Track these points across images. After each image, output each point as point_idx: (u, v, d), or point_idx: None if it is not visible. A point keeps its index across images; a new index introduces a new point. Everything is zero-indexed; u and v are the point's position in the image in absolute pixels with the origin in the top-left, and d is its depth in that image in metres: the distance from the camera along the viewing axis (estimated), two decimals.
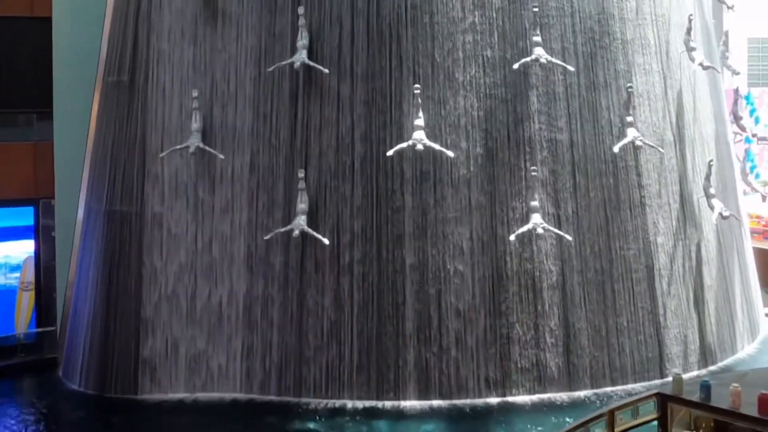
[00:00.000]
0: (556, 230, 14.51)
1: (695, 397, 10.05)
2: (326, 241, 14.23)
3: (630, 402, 10.37)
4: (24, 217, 16.98)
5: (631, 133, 14.93)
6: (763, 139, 36.19)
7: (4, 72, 16.88)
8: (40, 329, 17.10)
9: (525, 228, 14.27)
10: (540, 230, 14.29)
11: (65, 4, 16.38)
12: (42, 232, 16.97)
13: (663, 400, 10.13)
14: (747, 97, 34.46)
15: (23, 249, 17.03)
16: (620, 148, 14.92)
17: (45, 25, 16.34)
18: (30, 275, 17.14)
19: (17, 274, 17.03)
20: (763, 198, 21.38)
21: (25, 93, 17.00)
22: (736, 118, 18.50)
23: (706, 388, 10.00)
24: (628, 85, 15.15)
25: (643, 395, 10.56)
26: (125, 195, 15.34)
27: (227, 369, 14.76)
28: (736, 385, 9.77)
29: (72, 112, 16.35)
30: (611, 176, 15.16)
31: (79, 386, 15.46)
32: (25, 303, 17.22)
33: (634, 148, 15.09)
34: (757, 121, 36.24)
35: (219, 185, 14.92)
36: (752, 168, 32.94)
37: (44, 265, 16.91)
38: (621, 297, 15.15)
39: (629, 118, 15.02)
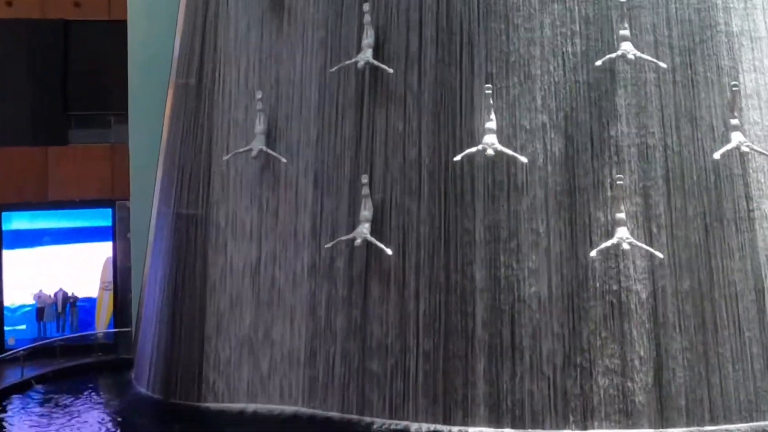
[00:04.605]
0: (646, 246, 13.02)
1: None
2: (389, 252, 13.41)
3: None
4: (102, 217, 17.17)
5: (736, 138, 13.17)
6: None
7: (84, 74, 17.13)
8: (117, 329, 17.28)
9: (609, 243, 12.87)
10: (626, 246, 12.84)
11: (140, 6, 16.45)
12: (119, 234, 17.10)
13: None
14: None
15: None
16: (723, 155, 13.20)
17: (121, 28, 16.44)
18: (109, 275, 17.41)
19: None
20: None
21: (102, 95, 17.20)
22: None
23: None
24: (733, 83, 13.40)
25: None
26: (191, 198, 15.15)
27: (290, 381, 14.23)
28: None
29: (147, 114, 16.41)
30: (712, 186, 13.44)
31: (147, 389, 15.42)
32: (105, 303, 17.44)
33: (739, 155, 13.33)
34: None
35: (282, 190, 14.43)
36: None
37: (120, 267, 17.05)
38: (724, 323, 13.40)
39: (734, 121, 13.26)
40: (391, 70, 13.50)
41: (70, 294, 18.17)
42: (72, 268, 17.82)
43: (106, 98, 17.00)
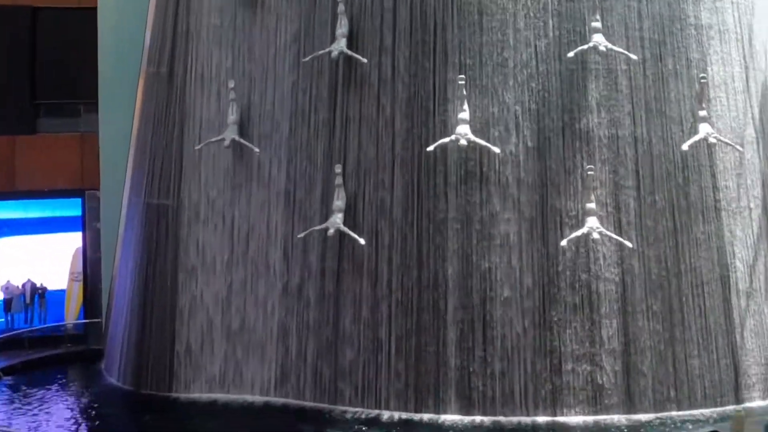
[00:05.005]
0: (616, 236, 13.21)
1: None
2: (362, 241, 13.45)
3: None
4: (72, 207, 16.97)
5: (704, 129, 13.41)
6: None
7: (53, 62, 16.88)
8: (87, 320, 17.11)
9: (579, 232, 13.05)
10: (596, 235, 13.04)
11: None
12: (88, 224, 16.92)
13: None
14: None
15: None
16: (691, 146, 13.44)
17: (91, 16, 16.21)
18: (79, 266, 17.20)
19: None
20: None
21: (71, 83, 16.96)
22: None
23: None
24: (701, 75, 13.62)
25: None
26: (163, 188, 15.04)
27: (262, 371, 14.22)
28: None
29: (117, 103, 16.24)
30: (680, 177, 13.68)
31: (117, 380, 15.32)
32: (75, 293, 17.26)
33: (707, 146, 13.58)
34: None
35: (255, 179, 14.39)
36: None
37: (90, 257, 16.88)
38: (690, 312, 13.68)
39: (702, 113, 13.49)
40: (365, 60, 13.52)
41: (38, 285, 17.96)
42: (41, 259, 17.61)
43: (76, 87, 16.76)
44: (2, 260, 17.85)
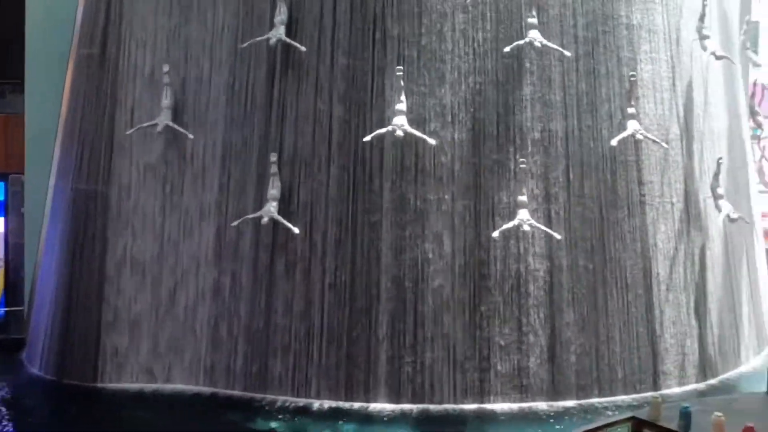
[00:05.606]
0: (545, 228, 13.51)
1: (674, 424, 9.07)
2: (296, 231, 13.42)
3: (600, 427, 9.38)
4: None
5: (632, 126, 13.82)
6: None
7: None
8: (8, 308, 16.55)
9: (510, 224, 13.30)
10: (527, 227, 13.32)
11: None
12: (11, 209, 16.36)
13: (638, 426, 9.15)
14: None
15: None
16: (619, 142, 13.82)
17: None
18: (0, 252, 16.58)
19: None
20: None
21: None
22: (753, 113, 17.25)
23: (686, 415, 9.03)
24: (631, 73, 14.02)
25: (614, 419, 9.63)
26: (92, 173, 14.66)
27: (191, 360, 14.06)
28: (719, 414, 8.77)
29: (44, 84, 15.78)
30: (608, 172, 14.07)
31: (39, 370, 14.89)
32: None
33: (634, 142, 13.98)
34: None
35: (189, 166, 14.17)
36: None
37: (13, 243, 16.34)
38: (614, 302, 14.11)
39: (631, 110, 13.90)
40: (303, 48, 13.47)
41: None
42: None
43: (1, 67, 16.17)
44: None
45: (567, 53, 13.65)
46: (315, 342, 13.58)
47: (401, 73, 13.22)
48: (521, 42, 13.42)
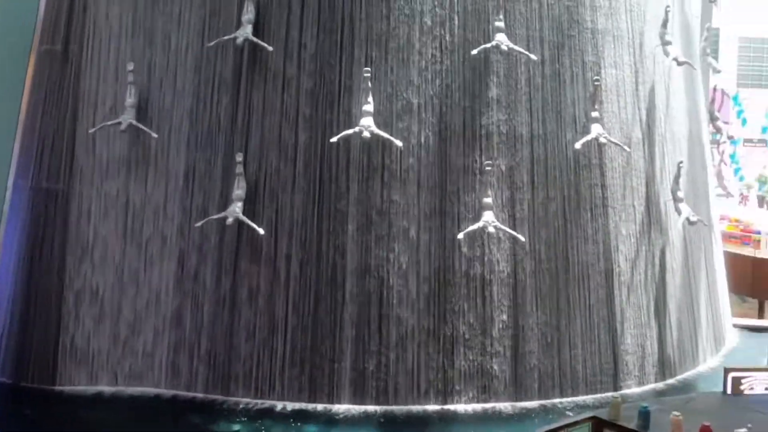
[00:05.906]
0: (509, 230, 13.63)
1: (633, 424, 9.20)
2: (261, 231, 13.35)
3: (561, 427, 9.48)
4: None
5: (596, 130, 14.01)
6: (749, 141, 35.50)
7: None
8: None
9: (475, 226, 13.38)
10: (491, 229, 13.42)
11: None
12: None
13: (598, 426, 9.27)
14: (735, 98, 33.70)
15: None
16: (583, 145, 13.98)
17: None
18: None
19: None
20: (742, 201, 20.59)
21: None
22: (712, 118, 17.58)
23: (644, 414, 9.18)
24: (595, 78, 14.21)
25: (575, 419, 9.73)
26: (52, 172, 14.45)
27: (152, 362, 13.90)
28: (677, 413, 8.93)
29: (3, 79, 15.34)
30: (572, 174, 14.24)
31: None
32: None
33: (598, 146, 14.16)
34: (744, 123, 35.48)
35: (152, 165, 14.01)
36: (737, 170, 32.26)
37: None
38: (576, 303, 14.29)
39: (594, 114, 14.09)
40: (270, 48, 13.40)
41: None
42: None
43: None
44: None
45: (533, 57, 13.78)
46: (279, 343, 13.50)
47: (369, 75, 13.22)
48: (488, 45, 13.50)
